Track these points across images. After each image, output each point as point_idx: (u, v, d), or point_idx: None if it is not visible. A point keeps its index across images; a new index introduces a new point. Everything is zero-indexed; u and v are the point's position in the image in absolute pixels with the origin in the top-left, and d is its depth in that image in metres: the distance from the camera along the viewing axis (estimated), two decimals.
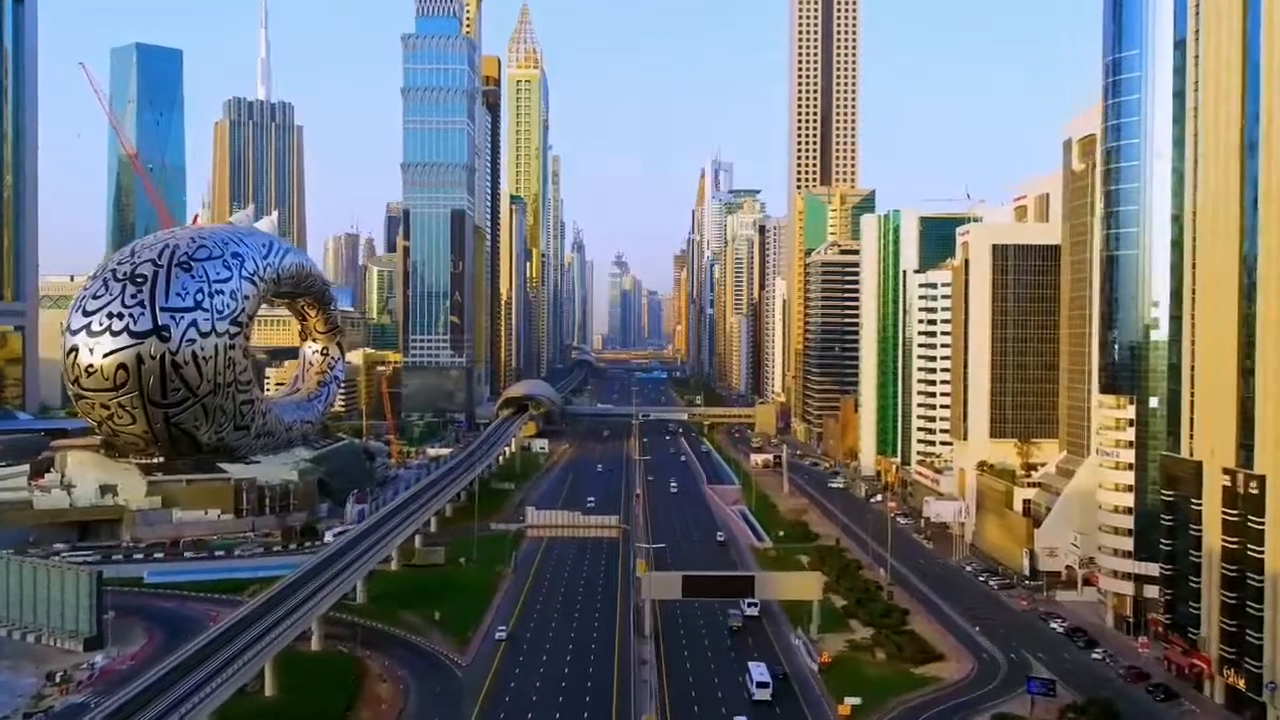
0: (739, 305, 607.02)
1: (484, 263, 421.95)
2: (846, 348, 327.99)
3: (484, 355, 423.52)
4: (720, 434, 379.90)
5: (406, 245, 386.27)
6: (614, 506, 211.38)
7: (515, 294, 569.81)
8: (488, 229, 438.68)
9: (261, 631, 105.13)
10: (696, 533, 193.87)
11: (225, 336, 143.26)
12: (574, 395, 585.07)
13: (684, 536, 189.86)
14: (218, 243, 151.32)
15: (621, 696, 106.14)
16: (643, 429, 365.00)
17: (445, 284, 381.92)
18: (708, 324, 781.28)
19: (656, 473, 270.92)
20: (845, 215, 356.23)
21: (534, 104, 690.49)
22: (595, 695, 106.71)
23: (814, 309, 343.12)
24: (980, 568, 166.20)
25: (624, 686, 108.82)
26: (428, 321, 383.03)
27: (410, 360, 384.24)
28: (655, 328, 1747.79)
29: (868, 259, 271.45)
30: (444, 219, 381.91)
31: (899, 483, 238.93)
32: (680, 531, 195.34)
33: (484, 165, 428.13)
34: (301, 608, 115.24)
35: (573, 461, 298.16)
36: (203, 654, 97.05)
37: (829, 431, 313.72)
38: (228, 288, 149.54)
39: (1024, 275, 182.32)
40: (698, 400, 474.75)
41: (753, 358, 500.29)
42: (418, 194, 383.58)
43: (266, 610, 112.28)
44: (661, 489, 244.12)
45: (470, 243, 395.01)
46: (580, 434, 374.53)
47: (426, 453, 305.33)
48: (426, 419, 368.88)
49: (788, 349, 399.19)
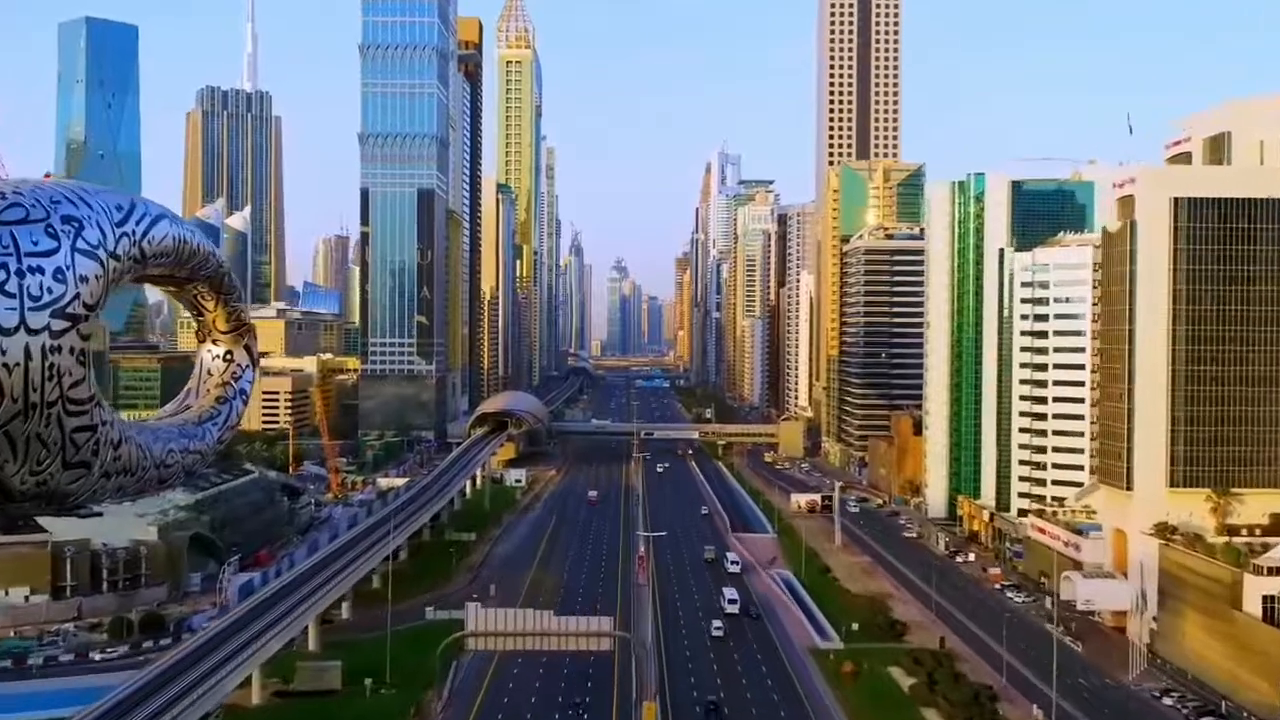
0: (750, 307, 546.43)
1: (459, 254, 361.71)
2: (898, 353, 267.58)
3: (460, 361, 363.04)
4: (738, 456, 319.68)
5: (366, 231, 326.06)
6: (606, 588, 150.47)
7: (502, 293, 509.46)
8: (465, 216, 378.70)
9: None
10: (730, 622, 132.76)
11: (45, 335, 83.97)
12: (567, 406, 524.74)
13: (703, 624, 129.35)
14: (41, 200, 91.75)
15: None
16: (645, 450, 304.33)
17: (411, 277, 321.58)
18: (713, 329, 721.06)
19: (664, 512, 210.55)
20: (889, 194, 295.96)
21: (525, 87, 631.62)
22: None
23: (853, 306, 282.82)
24: (1191, 701, 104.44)
25: None
26: (390, 322, 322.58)
27: (369, 368, 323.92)
28: (655, 333, 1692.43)
29: (936, 239, 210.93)
30: (409, 200, 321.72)
31: (991, 534, 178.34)
32: (700, 612, 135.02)
33: (461, 141, 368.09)
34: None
35: (557, 497, 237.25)
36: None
37: (877, 457, 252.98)
38: (50, 264, 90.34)
39: (1225, 245, 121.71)
40: (708, 414, 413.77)
41: (769, 366, 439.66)
42: (378, 170, 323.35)
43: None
44: (673, 546, 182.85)
45: (442, 229, 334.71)
46: (571, 457, 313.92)
47: (377, 483, 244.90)
48: (387, 438, 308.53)
49: (816, 355, 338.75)
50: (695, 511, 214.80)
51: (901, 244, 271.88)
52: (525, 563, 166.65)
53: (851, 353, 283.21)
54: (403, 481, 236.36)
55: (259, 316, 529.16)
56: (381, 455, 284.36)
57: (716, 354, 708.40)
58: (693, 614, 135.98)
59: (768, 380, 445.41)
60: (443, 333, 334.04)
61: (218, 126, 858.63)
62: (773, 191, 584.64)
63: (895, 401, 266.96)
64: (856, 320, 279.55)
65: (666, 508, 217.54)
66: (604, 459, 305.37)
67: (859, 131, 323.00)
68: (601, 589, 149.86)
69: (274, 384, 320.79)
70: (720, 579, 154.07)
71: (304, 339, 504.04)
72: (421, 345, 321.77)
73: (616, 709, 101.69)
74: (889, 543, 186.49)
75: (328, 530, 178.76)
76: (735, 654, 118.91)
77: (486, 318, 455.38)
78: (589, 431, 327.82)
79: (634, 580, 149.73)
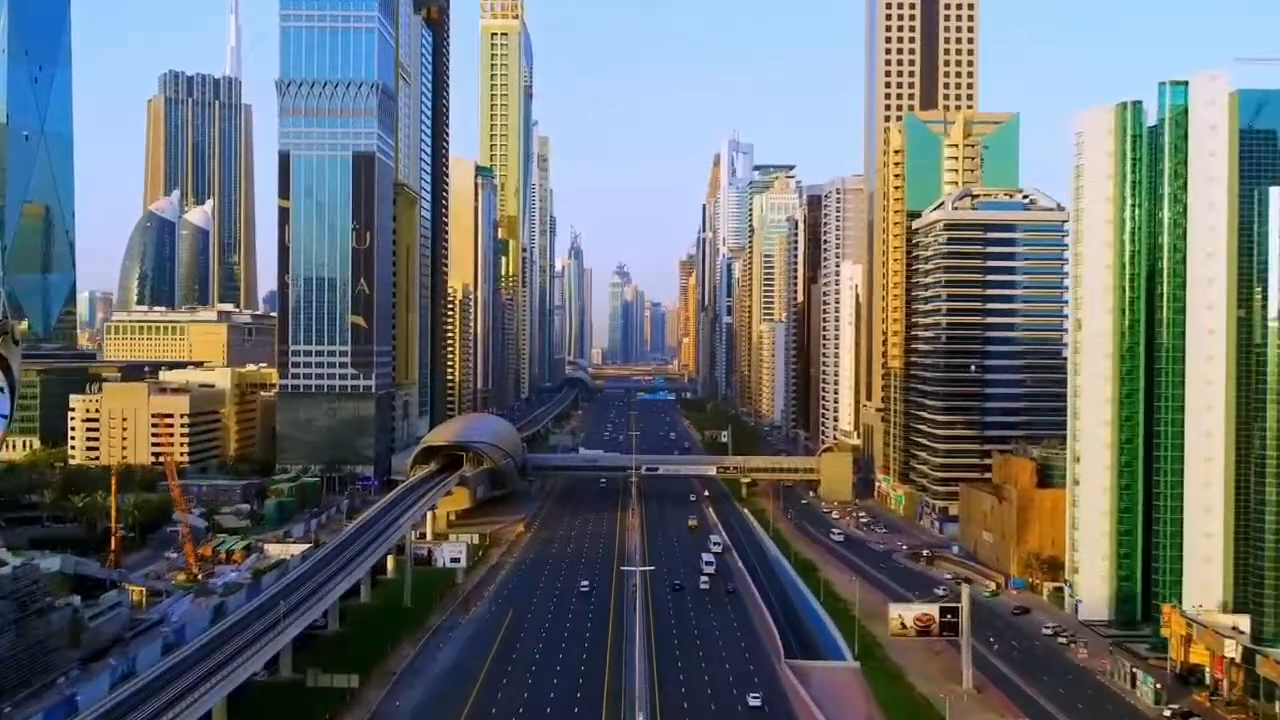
0: (770, 309, 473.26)
1: (414, 239, 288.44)
2: (997, 366, 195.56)
3: (414, 375, 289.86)
4: (767, 497, 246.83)
5: (285, 206, 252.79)
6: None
7: (480, 293, 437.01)
8: (424, 194, 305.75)
9: None
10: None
11: None
12: (557, 425, 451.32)
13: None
14: None
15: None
16: (646, 494, 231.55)
17: (345, 267, 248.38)
18: (723, 335, 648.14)
19: (674, 611, 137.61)
20: (973, 154, 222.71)
21: (513, 63, 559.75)
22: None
23: (927, 302, 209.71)
24: None
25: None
26: (317, 324, 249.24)
27: (289, 384, 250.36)
28: (659, 340, 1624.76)
29: (1092, 195, 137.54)
30: (342, 167, 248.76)
31: (1238, 678, 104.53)
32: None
33: (418, 100, 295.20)
34: None
35: (523, 575, 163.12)
36: None
37: (977, 514, 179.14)
38: None
39: None
40: (723, 437, 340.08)
41: (797, 379, 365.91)
42: (301, 128, 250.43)
43: None
44: (691, 675, 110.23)
45: (387, 206, 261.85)
46: (550, 500, 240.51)
47: (264, 551, 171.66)
48: (308, 475, 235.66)
49: (866, 366, 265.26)
50: (721, 612, 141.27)
51: (999, 216, 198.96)
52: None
53: (925, 365, 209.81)
54: (300, 550, 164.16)
55: (193, 321, 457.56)
56: (291, 503, 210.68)
57: (727, 363, 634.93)
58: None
59: (794, 396, 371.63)
60: (387, 338, 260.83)
61: (182, 114, 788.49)
62: (794, 177, 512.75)
63: (992, 433, 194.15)
64: (932, 321, 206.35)
65: (677, 608, 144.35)
66: (593, 504, 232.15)
67: (924, 77, 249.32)
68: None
69: (165, 404, 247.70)
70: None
71: (253, 347, 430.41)
72: (358, 354, 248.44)
73: None
74: (1053, 683, 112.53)
75: (128, 657, 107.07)
76: None
77: (458, 321, 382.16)
78: (575, 466, 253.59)
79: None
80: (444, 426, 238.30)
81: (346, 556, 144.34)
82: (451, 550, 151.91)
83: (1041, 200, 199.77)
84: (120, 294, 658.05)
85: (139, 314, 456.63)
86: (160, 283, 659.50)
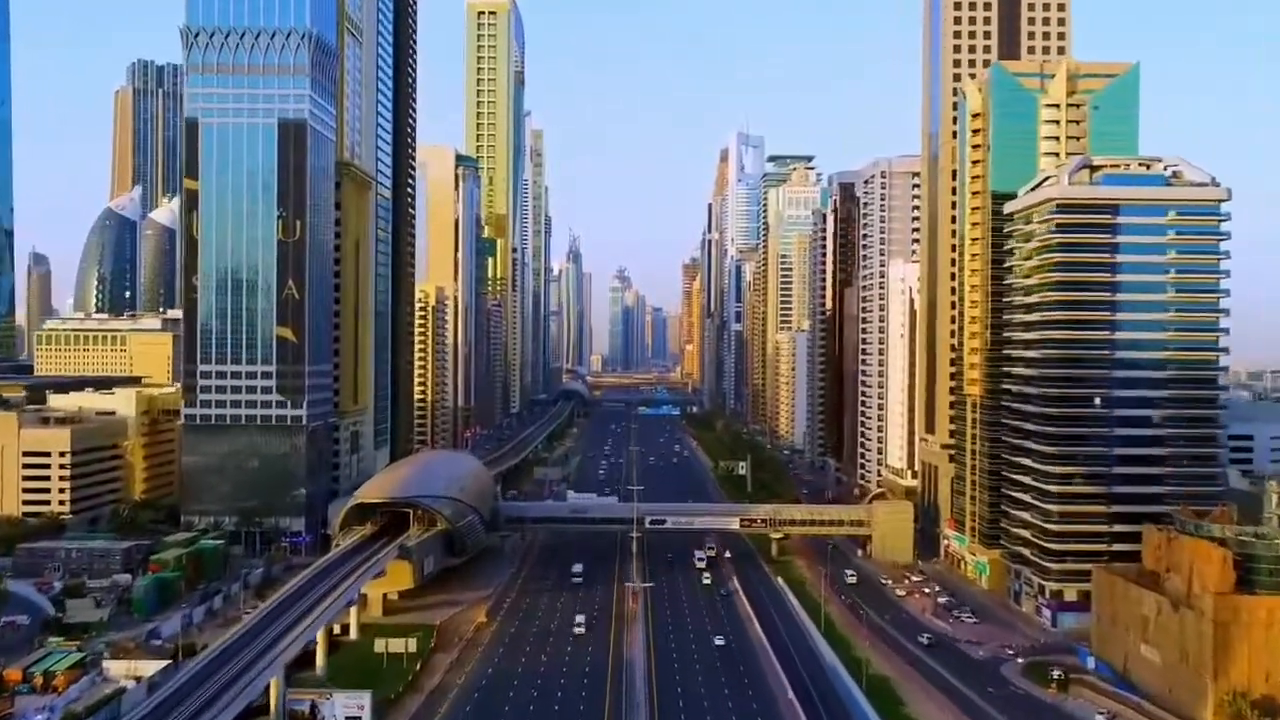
0: (788, 316, 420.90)
1: (366, 232, 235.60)
2: (1130, 395, 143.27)
3: (367, 398, 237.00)
4: (801, 556, 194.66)
5: (192, 188, 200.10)
6: None
7: (460, 297, 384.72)
8: (384, 180, 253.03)
9: None
10: None
11: None
12: (550, 445, 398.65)
13: None
14: None
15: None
16: (652, 547, 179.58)
17: (268, 266, 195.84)
18: (731, 343, 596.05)
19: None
20: (1078, 119, 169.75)
21: (502, 44, 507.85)
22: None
23: (1027, 310, 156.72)
24: None
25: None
26: (232, 338, 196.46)
27: (195, 413, 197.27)
28: (660, 347, 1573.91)
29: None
30: (264, 138, 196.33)
31: None
32: None
33: (370, 63, 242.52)
34: None
35: (479, 706, 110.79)
36: None
37: (1123, 613, 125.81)
38: None
39: None
40: (740, 469, 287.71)
41: (825, 398, 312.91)
42: (212, 87, 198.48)
43: None
44: None
45: (325, 189, 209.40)
46: (527, 566, 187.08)
47: (106, 671, 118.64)
48: (216, 533, 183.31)
49: (926, 389, 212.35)
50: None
51: (1135, 193, 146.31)
52: None
53: (1024, 394, 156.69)
54: (156, 669, 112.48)
55: (135, 329, 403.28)
56: (174, 580, 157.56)
57: (736, 374, 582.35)
58: None
59: (823, 418, 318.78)
60: (324, 354, 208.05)
61: (151, 106, 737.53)
62: (813, 168, 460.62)
63: (1124, 489, 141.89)
64: (1037, 336, 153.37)
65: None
66: (583, 570, 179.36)
67: (1002, 24, 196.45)
68: None
69: (41, 439, 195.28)
70: None
71: None
72: (285, 376, 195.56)
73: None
74: None
75: None
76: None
77: (431, 329, 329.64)
78: (562, 519, 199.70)
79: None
80: (385, 474, 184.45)
81: (205, 694, 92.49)
82: (347, 706, 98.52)
83: (1189, 172, 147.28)
84: (77, 300, 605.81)
85: (74, 321, 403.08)
86: (120, 287, 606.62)
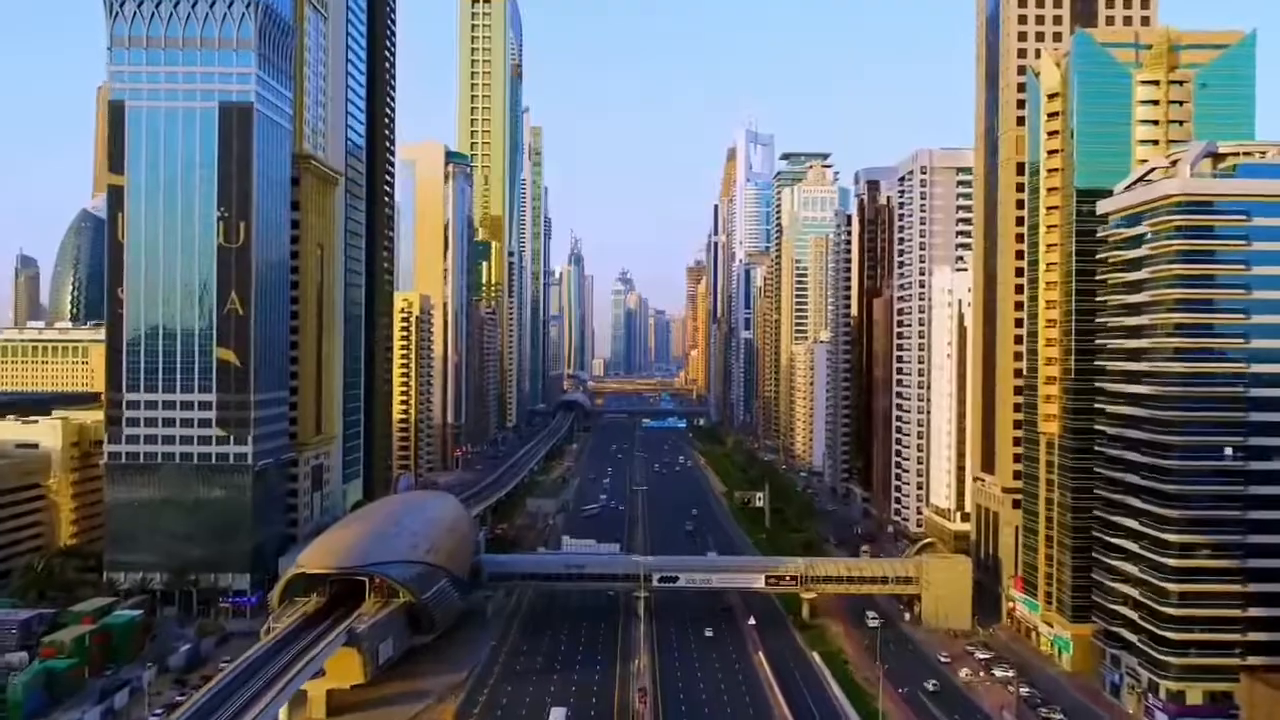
0: (803, 327, 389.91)
1: (331, 237, 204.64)
2: (1267, 444, 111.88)
3: (335, 425, 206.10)
4: (841, 621, 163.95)
5: (117, 185, 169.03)
6: None
7: (450, 306, 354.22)
8: (357, 177, 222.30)
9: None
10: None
11: None
12: (547, 466, 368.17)
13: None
14: None
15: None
16: (661, 607, 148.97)
17: (206, 274, 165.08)
18: (740, 352, 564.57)
19: None
20: (1182, 98, 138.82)
21: (498, 35, 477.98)
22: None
23: (1130, 333, 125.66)
24: None
25: None
26: (165, 362, 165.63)
27: (121, 451, 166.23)
28: (663, 350, 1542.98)
29: None
30: (203, 125, 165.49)
31: None
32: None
33: (338, 43, 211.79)
34: None
35: None
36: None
37: None
38: None
39: None
40: (758, 500, 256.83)
41: (851, 420, 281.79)
42: (140, 65, 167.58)
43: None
44: None
45: (278, 186, 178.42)
46: (511, 638, 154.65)
47: None
48: (146, 592, 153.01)
49: (983, 420, 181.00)
50: None
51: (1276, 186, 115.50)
52: None
53: (1129, 439, 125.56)
54: None
55: (96, 340, 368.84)
56: (65, 669, 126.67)
57: (746, 385, 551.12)
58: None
59: (847, 439, 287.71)
60: (277, 380, 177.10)
61: None
62: (830, 165, 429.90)
63: (1266, 562, 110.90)
64: (1146, 367, 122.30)
65: None
66: (581, 642, 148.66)
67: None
68: None
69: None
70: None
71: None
72: (227, 405, 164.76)
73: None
74: None
75: None
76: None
77: (414, 343, 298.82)
78: (555, 575, 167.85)
79: None
80: (337, 531, 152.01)
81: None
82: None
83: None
84: (51, 304, 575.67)
85: (31, 332, 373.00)
86: (97, 294, 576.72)
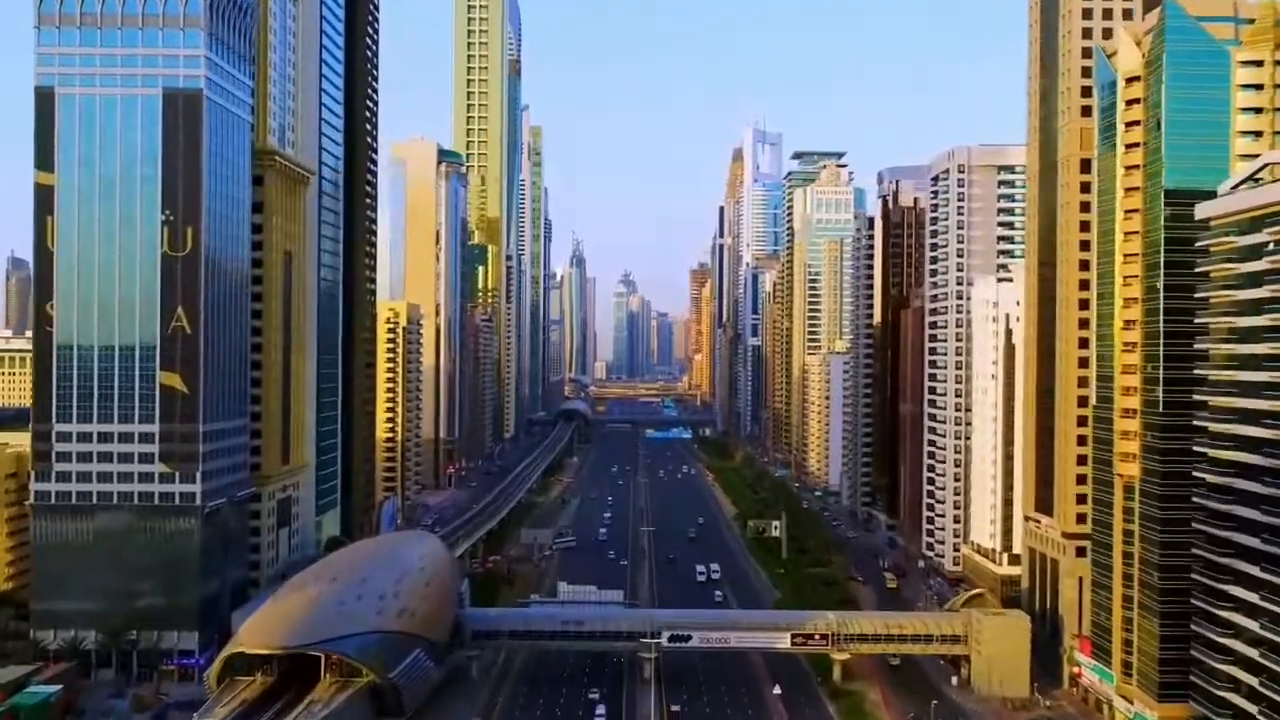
0: (816, 335, 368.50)
1: (300, 243, 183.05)
2: None
3: (306, 453, 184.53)
4: (872, 681, 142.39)
5: (46, 183, 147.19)
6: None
7: (443, 315, 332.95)
8: (333, 175, 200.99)
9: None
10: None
11: None
12: (544, 485, 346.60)
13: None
14: None
15: None
16: (672, 670, 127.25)
17: (148, 287, 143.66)
18: (748, 359, 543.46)
19: None
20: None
21: (495, 29, 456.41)
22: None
23: (1247, 364, 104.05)
24: None
25: None
26: (100, 388, 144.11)
27: (50, 490, 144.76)
28: (665, 353, 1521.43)
29: None
30: (145, 115, 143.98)
31: None
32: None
33: (311, 25, 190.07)
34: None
35: None
36: None
37: None
38: None
39: None
40: (774, 529, 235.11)
41: (873, 439, 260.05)
42: (72, 47, 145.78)
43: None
44: None
45: (236, 186, 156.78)
46: (499, 708, 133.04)
47: None
48: (77, 653, 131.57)
49: (1038, 455, 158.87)
50: None
51: None
52: None
53: (1240, 491, 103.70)
54: None
55: (15, 348, 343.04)
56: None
57: (754, 394, 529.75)
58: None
59: (868, 460, 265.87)
60: (233, 406, 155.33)
61: None
62: (844, 165, 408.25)
63: None
64: (1268, 404, 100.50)
65: None
66: (577, 715, 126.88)
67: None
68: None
69: None
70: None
71: None
72: (171, 437, 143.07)
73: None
74: None
75: None
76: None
77: (401, 355, 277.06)
78: (549, 633, 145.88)
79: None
80: (287, 595, 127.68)
81: None
82: None
83: None
84: None
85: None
86: None
